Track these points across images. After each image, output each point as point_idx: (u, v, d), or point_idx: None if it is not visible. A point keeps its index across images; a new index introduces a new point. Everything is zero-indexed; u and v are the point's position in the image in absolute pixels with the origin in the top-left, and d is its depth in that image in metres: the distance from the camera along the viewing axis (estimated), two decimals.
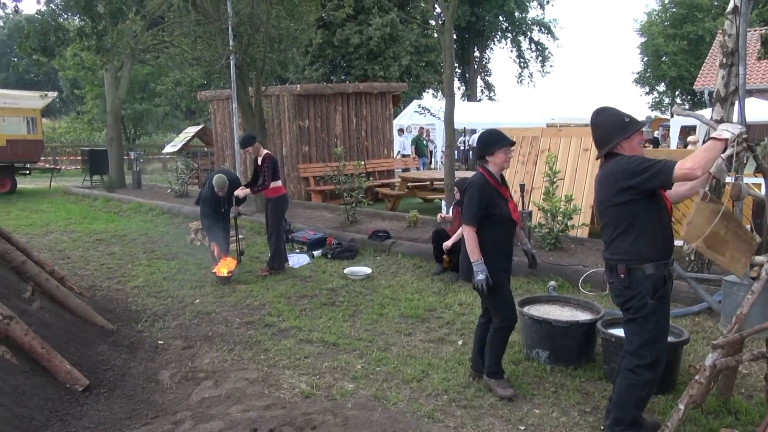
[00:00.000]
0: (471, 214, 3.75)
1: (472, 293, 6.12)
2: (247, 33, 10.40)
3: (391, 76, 28.73)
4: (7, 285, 4.39)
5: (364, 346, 4.77)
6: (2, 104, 16.19)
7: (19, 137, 16.47)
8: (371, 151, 14.57)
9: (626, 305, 3.14)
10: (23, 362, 3.68)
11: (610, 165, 3.09)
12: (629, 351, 3.15)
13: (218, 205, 7.30)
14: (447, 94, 8.61)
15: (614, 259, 3.13)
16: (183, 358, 4.56)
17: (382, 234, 8.23)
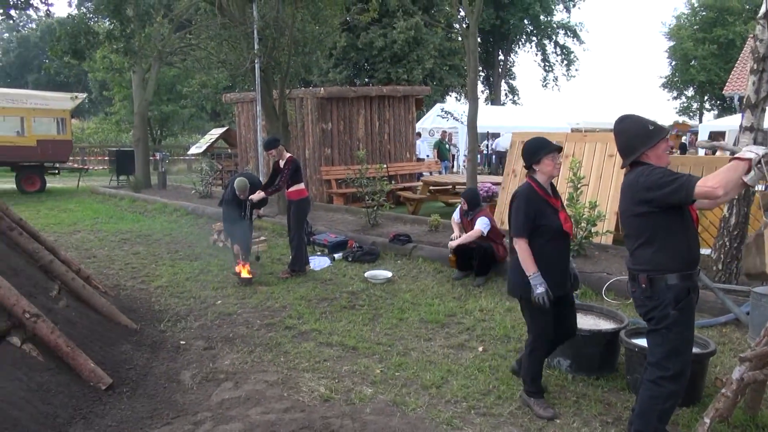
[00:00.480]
0: (518, 225, 3.62)
1: (494, 299, 6.09)
2: (272, 36, 10.49)
3: (415, 79, 28.72)
4: (35, 283, 4.48)
5: (384, 350, 4.77)
6: (33, 105, 16.58)
7: (49, 137, 16.84)
8: (393, 154, 14.57)
9: (648, 315, 3.09)
10: (49, 360, 3.75)
11: (633, 175, 3.03)
12: (652, 362, 3.09)
13: (240, 207, 7.36)
14: (470, 97, 8.58)
15: (636, 269, 3.09)
16: (204, 359, 4.60)
17: (403, 238, 8.22)
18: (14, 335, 3.70)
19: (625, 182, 3.11)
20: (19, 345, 3.67)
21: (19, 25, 52.60)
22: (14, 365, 3.53)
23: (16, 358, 3.57)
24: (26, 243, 4.87)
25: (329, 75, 30.05)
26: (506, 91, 43.83)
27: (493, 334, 5.12)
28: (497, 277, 6.83)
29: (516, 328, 5.24)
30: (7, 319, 3.71)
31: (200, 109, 28.31)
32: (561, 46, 41.75)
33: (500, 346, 4.84)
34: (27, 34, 52.19)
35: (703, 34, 35.63)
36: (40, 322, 3.77)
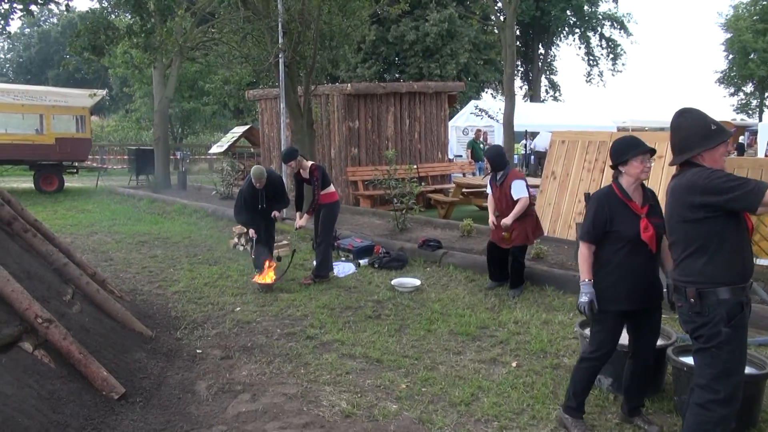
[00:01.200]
0: (584, 228, 3.63)
1: (530, 310, 6.01)
2: (297, 30, 10.58)
3: (448, 74, 28.66)
4: (48, 287, 4.58)
5: (410, 363, 4.74)
6: (52, 102, 17.05)
7: (68, 135, 17.29)
8: (424, 154, 14.55)
9: (696, 333, 2.99)
10: (60, 367, 3.82)
11: (688, 176, 2.93)
12: (700, 384, 2.99)
13: (255, 199, 7.44)
14: (507, 94, 8.51)
15: (684, 281, 2.99)
16: (221, 369, 4.64)
17: (434, 243, 8.18)
18: (26, 341, 3.78)
19: (675, 184, 3.02)
20: (30, 351, 3.75)
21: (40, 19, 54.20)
22: (25, 372, 3.60)
23: (27, 365, 3.65)
24: (40, 245, 4.98)
25: (357, 70, 30.18)
26: (546, 86, 43.43)
27: (529, 348, 5.05)
28: (533, 287, 6.75)
29: (553, 342, 5.16)
30: (18, 323, 3.80)
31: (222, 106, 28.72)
32: (607, 39, 41.16)
33: (536, 362, 4.77)
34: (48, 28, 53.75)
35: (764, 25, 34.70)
36: (52, 328, 3.85)
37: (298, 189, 7.62)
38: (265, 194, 7.45)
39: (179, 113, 25.75)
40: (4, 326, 3.70)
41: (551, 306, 6.19)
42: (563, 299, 6.36)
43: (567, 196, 9.15)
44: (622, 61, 42.13)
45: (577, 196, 8.94)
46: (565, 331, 5.45)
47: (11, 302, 3.81)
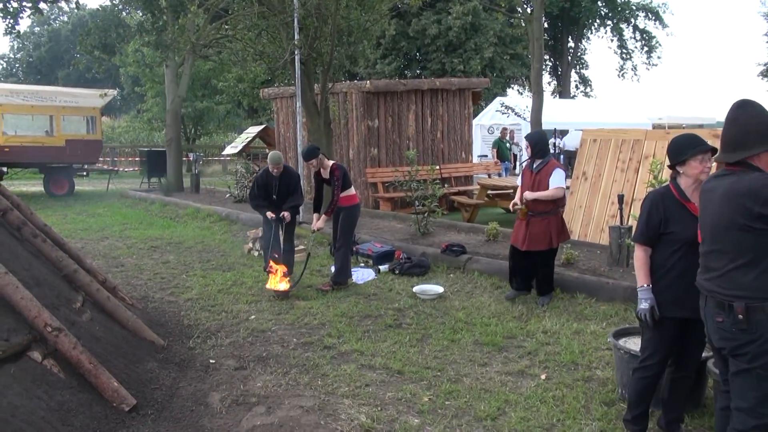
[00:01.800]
0: (638, 230, 3.63)
1: (560, 319, 5.96)
2: (313, 26, 10.62)
3: (472, 70, 28.60)
4: (58, 294, 4.65)
5: (433, 375, 4.73)
6: (62, 103, 17.34)
7: (78, 137, 17.58)
8: (447, 154, 14.52)
9: (740, 351, 2.88)
10: (70, 377, 3.87)
11: (747, 180, 2.79)
12: (743, 408, 2.89)
13: (269, 188, 7.49)
14: (535, 90, 8.46)
15: (729, 295, 2.88)
16: (235, 380, 4.67)
17: (457, 248, 8.15)
18: (35, 350, 3.84)
19: (729, 187, 2.86)
20: (40, 360, 3.81)
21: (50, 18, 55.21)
22: (34, 382, 3.66)
23: (36, 375, 3.71)
24: (50, 251, 5.06)
25: (377, 67, 30.26)
26: (576, 82, 43.11)
27: (559, 360, 5.00)
28: (564, 294, 6.69)
29: (585, 353, 5.11)
30: (28, 332, 3.86)
31: (236, 106, 28.99)
32: (641, 31, 40.72)
33: (566, 374, 4.72)
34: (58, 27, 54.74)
35: None
36: (62, 337, 3.91)
37: (318, 189, 7.65)
38: (279, 186, 7.51)
39: (192, 113, 26.02)
40: (13, 335, 3.76)
41: (583, 315, 6.13)
42: (595, 308, 6.29)
43: (599, 198, 9.06)
44: (657, 54, 41.62)
45: (610, 198, 8.84)
46: (598, 341, 5.39)
47: (20, 310, 3.87)
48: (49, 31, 54.12)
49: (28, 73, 54.37)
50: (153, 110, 26.38)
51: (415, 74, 31.80)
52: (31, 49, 54.81)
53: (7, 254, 4.39)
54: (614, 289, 6.45)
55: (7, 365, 3.62)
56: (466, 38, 29.16)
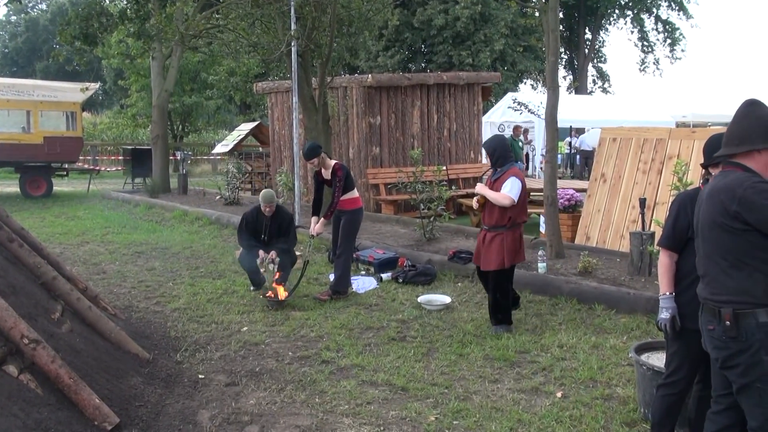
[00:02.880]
0: (664, 234, 3.63)
1: (576, 332, 5.95)
2: (311, 15, 10.66)
3: (482, 63, 28.63)
4: (36, 303, 4.65)
5: (440, 393, 4.72)
6: (41, 97, 17.37)
7: (57, 134, 17.61)
8: (455, 154, 14.53)
9: (731, 362, 2.93)
10: (48, 393, 3.86)
11: (731, 178, 2.90)
12: (754, 427, 2.93)
13: (259, 227, 7.42)
14: (550, 85, 8.44)
15: (717, 301, 2.96)
16: (226, 397, 4.66)
17: (466, 255, 8.15)
18: (10, 363, 3.83)
19: (714, 186, 3.00)
20: (16, 375, 3.80)
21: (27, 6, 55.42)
22: (10, 398, 3.65)
23: (12, 390, 3.70)
24: (27, 257, 5.06)
25: (378, 60, 30.32)
26: (594, 76, 43.13)
27: (575, 376, 4.99)
28: (581, 305, 6.68)
29: (604, 369, 5.10)
30: (3, 344, 3.85)
31: (228, 101, 29.04)
32: (663, 22, 40.78)
33: (584, 392, 4.71)
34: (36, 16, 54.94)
35: None
36: (39, 349, 3.90)
37: (317, 191, 7.65)
38: (270, 226, 7.44)
39: (179, 108, 26.07)
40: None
41: (601, 328, 6.12)
42: (615, 320, 6.28)
43: (619, 201, 9.07)
44: (681, 47, 41.65)
45: (631, 201, 8.84)
46: (618, 357, 5.38)
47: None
48: (26, 20, 54.30)
49: (4, 65, 54.56)
50: (137, 105, 26.42)
51: (420, 68, 31.85)
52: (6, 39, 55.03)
53: None
54: (636, 300, 6.44)
55: None
56: (475, 29, 29.18)
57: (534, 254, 8.31)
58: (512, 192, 5.85)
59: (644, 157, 9.01)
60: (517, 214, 5.98)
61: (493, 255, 5.95)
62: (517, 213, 5.97)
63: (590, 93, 40.18)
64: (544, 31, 8.39)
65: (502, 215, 5.94)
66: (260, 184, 17.53)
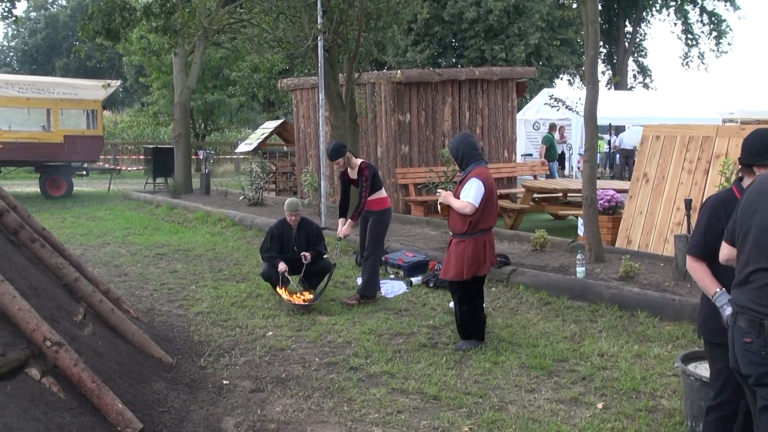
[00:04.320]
0: (693, 241, 3.49)
1: (618, 341, 5.89)
2: (338, 8, 10.69)
3: (516, 58, 28.49)
4: (58, 305, 4.72)
5: (473, 402, 4.70)
6: (61, 95, 17.66)
7: (77, 133, 17.91)
8: (488, 153, 14.42)
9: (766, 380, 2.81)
10: (70, 397, 3.92)
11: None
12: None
13: (286, 241, 7.42)
14: (589, 80, 8.37)
15: (761, 312, 2.82)
16: (251, 404, 4.69)
17: (500, 259, 8.10)
18: (33, 366, 3.90)
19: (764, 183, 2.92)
20: (38, 378, 3.86)
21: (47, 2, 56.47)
22: (32, 402, 3.71)
23: (34, 394, 3.76)
24: (49, 257, 5.15)
25: (407, 55, 30.33)
26: (634, 71, 42.71)
27: (617, 386, 4.94)
28: (622, 312, 6.60)
29: (648, 380, 5.03)
30: (25, 346, 3.92)
31: (251, 98, 29.26)
32: (709, 13, 40.20)
33: (626, 404, 4.66)
34: (56, 12, 55.97)
35: None
36: (62, 352, 3.96)
37: (344, 192, 7.68)
38: (298, 238, 7.44)
39: (202, 106, 26.34)
40: (10, 349, 3.82)
41: (645, 335, 6.04)
42: (659, 328, 6.19)
43: (662, 202, 8.95)
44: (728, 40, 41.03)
45: (675, 202, 8.73)
46: (663, 366, 5.30)
47: (17, 322, 3.93)
48: (46, 17, 55.35)
49: (23, 63, 55.68)
50: (159, 103, 26.76)
51: (451, 63, 31.78)
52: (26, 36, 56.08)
53: (2, 261, 4.48)
54: (681, 307, 6.35)
55: (3, 383, 3.68)
56: (508, 22, 29.06)
57: (572, 258, 8.27)
58: (471, 196, 5.63)
59: (690, 156, 8.88)
60: (481, 220, 5.72)
61: (452, 263, 5.79)
62: (479, 218, 5.70)
63: (630, 89, 39.78)
64: (583, 23, 8.32)
65: (462, 221, 5.73)
66: (285, 184, 17.65)
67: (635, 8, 39.56)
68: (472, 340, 5.85)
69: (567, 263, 8.27)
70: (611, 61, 41.42)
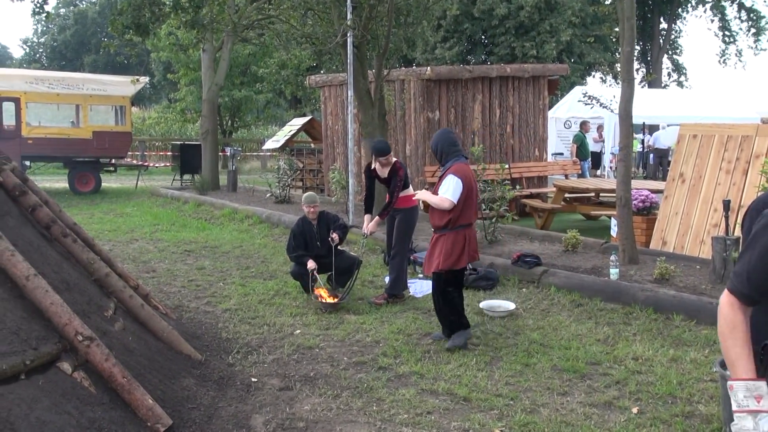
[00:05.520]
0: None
1: (653, 344, 5.83)
2: (368, 4, 10.70)
3: (546, 55, 28.29)
4: (89, 300, 4.79)
5: (505, 404, 4.68)
6: (90, 91, 17.93)
7: (106, 129, 18.17)
8: (518, 151, 14.38)
9: None
10: (101, 392, 3.98)
11: None
12: None
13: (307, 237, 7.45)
14: (624, 78, 8.29)
15: None
16: (280, 402, 4.72)
17: (531, 259, 8.06)
18: (65, 360, 3.96)
19: None
20: (70, 372, 3.93)
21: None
22: (64, 396, 3.77)
23: (66, 388, 3.83)
24: (80, 252, 5.23)
25: (436, 51, 30.29)
26: (669, 69, 42.15)
27: (652, 391, 4.88)
28: (657, 315, 6.53)
29: (684, 385, 4.97)
30: (57, 341, 3.98)
31: (278, 95, 29.43)
32: (747, 9, 39.46)
33: (662, 409, 4.60)
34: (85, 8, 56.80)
35: None
36: (93, 347, 4.02)
37: (369, 188, 7.67)
38: (320, 232, 7.49)
39: (229, 103, 26.56)
40: (42, 343, 3.89)
41: (681, 339, 5.97)
42: (696, 332, 6.11)
43: (699, 203, 8.83)
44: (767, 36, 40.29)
45: (713, 203, 8.61)
46: (699, 371, 5.23)
47: (50, 316, 4.00)
48: (75, 13, 56.19)
49: (52, 59, 56.61)
50: (186, 99, 27.03)
51: (480, 60, 31.66)
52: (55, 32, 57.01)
53: (35, 255, 4.56)
54: None
55: (36, 376, 3.75)
56: (540, 19, 28.85)
57: (604, 259, 8.20)
58: (449, 193, 5.66)
59: (728, 155, 8.74)
60: (460, 216, 5.74)
61: (429, 257, 5.90)
62: (459, 214, 5.72)
63: (665, 87, 39.25)
64: (619, 19, 8.25)
65: (441, 216, 5.78)
66: (312, 181, 17.71)
67: (670, 5, 39.05)
68: (460, 332, 5.83)
69: (600, 265, 8.20)
70: (645, 59, 40.93)
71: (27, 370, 3.67)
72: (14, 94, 16.96)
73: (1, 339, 3.65)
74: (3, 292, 3.99)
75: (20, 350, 3.70)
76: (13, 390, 3.50)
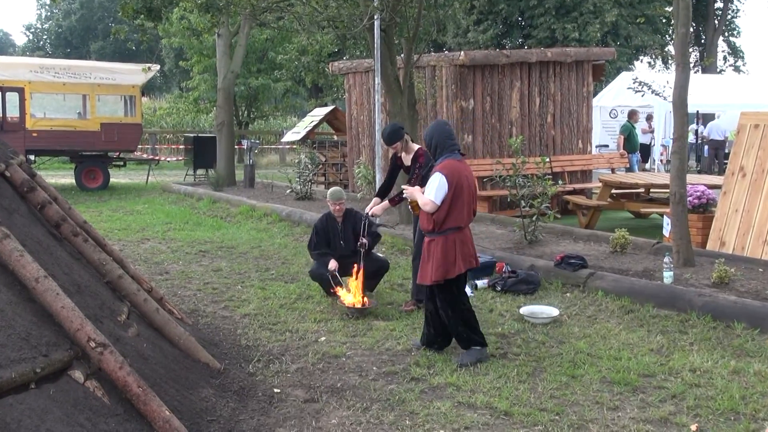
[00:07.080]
0: None
1: (712, 355, 5.77)
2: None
3: (590, 38, 28.05)
4: (101, 304, 4.84)
5: (549, 419, 4.65)
6: (98, 80, 18.07)
7: (115, 120, 18.32)
8: (560, 143, 14.29)
9: None
10: (115, 402, 4.02)
11: None
12: None
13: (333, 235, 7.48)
14: (679, 62, 8.18)
15: None
16: (305, 415, 4.73)
17: (576, 261, 8.00)
18: (77, 368, 4.00)
19: None
20: (82, 381, 3.97)
21: None
22: (76, 407, 3.81)
23: (78, 398, 3.86)
24: (92, 252, 5.28)
25: (468, 35, 30.22)
26: (725, 53, 41.56)
27: (713, 406, 4.82)
28: (716, 323, 6.44)
29: (748, 399, 4.90)
30: (69, 347, 4.03)
31: (297, 83, 29.50)
32: None
33: (724, 426, 4.54)
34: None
35: None
36: (107, 354, 4.05)
37: (391, 175, 7.61)
38: (344, 233, 7.53)
39: (245, 92, 26.68)
40: (53, 349, 3.93)
41: (743, 349, 5.88)
42: (759, 341, 6.02)
43: (761, 199, 8.71)
44: None
45: (762, 201, 8.48)
46: (765, 385, 5.15)
47: (61, 321, 4.04)
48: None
49: (57, 46, 57.38)
50: (200, 88, 27.23)
51: (516, 44, 31.51)
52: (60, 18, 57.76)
53: (45, 255, 4.61)
54: None
55: (46, 385, 3.78)
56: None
57: (656, 261, 8.12)
58: (431, 193, 5.62)
59: None
60: (448, 218, 5.65)
61: (423, 266, 5.84)
62: (445, 216, 5.64)
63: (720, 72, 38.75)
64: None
65: (427, 218, 5.73)
66: (335, 176, 17.76)
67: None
68: (474, 349, 5.77)
69: (651, 267, 8.11)
70: (699, 42, 40.44)
71: (37, 378, 3.70)
72: (18, 84, 17.10)
73: (10, 345, 3.69)
74: (12, 295, 4.04)
75: (30, 357, 3.74)
76: (22, 400, 3.53)
